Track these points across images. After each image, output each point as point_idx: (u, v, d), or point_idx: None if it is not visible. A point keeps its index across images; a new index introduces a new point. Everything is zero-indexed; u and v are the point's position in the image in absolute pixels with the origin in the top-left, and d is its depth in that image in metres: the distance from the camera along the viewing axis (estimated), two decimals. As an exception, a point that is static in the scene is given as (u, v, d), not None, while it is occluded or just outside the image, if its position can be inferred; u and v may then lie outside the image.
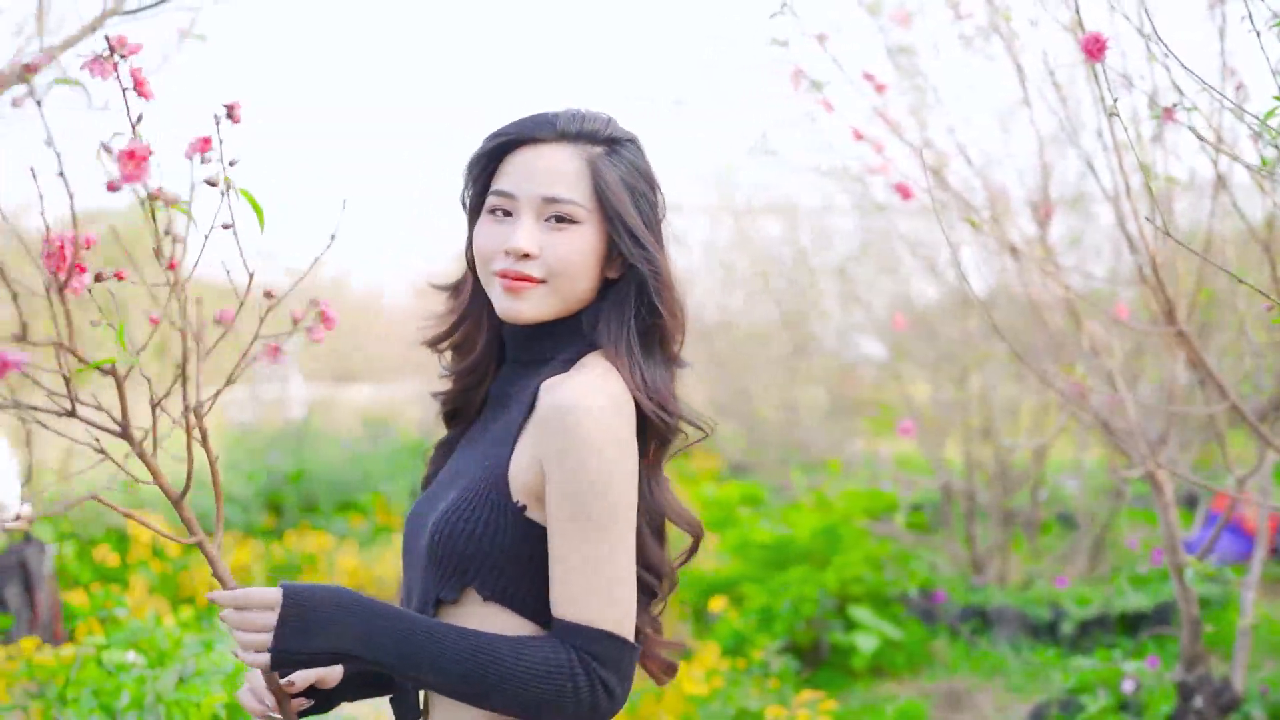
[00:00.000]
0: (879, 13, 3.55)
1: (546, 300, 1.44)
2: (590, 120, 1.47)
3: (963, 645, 5.28)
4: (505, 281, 1.42)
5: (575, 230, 1.43)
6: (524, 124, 1.46)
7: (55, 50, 2.82)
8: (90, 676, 3.06)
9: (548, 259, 1.42)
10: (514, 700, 1.31)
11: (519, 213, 1.43)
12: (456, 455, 1.55)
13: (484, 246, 1.45)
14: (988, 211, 3.30)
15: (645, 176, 1.49)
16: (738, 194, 8.92)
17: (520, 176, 1.44)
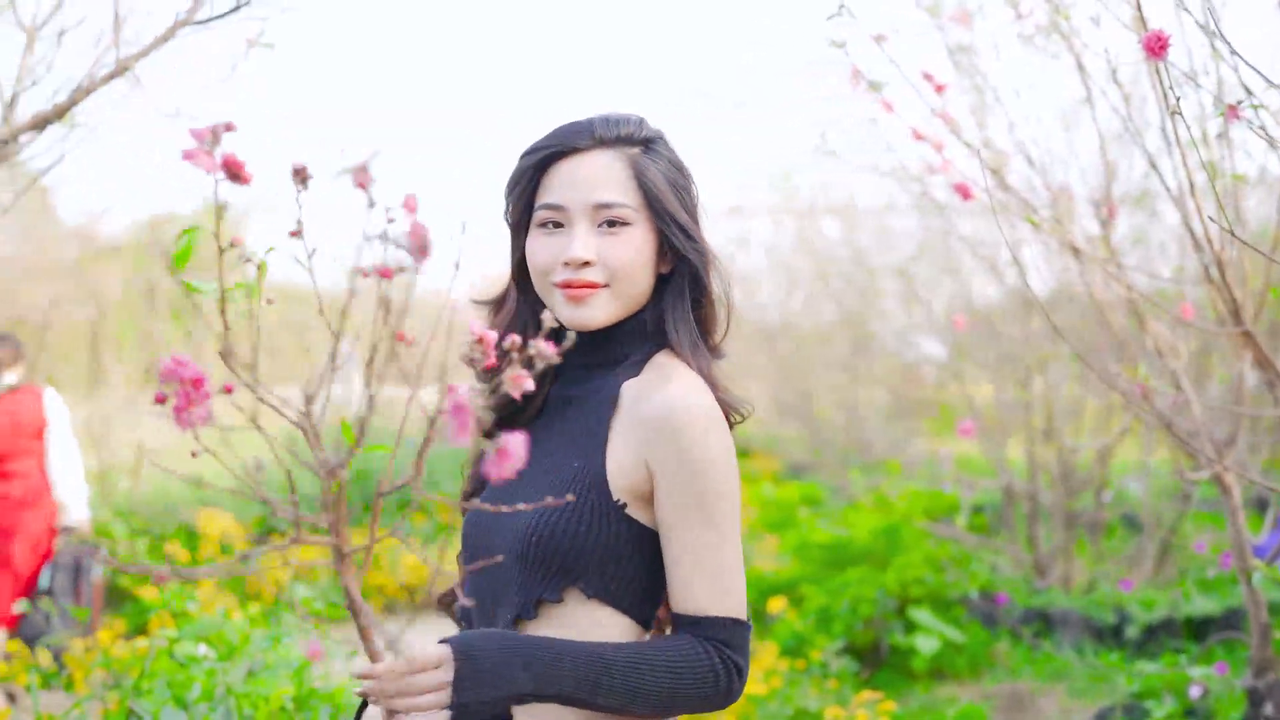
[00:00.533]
0: (938, 13, 3.53)
1: (610, 304, 1.47)
2: (624, 123, 1.49)
3: (1025, 648, 5.22)
4: (568, 291, 1.45)
5: (628, 232, 1.46)
6: (560, 135, 1.48)
7: (130, 60, 2.90)
8: (163, 668, 3.15)
9: (607, 263, 1.45)
10: (670, 703, 1.37)
11: (571, 222, 1.46)
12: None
13: (540, 260, 1.47)
14: (1049, 211, 3.27)
15: (681, 169, 1.53)
16: (798, 195, 8.90)
17: (567, 187, 1.46)
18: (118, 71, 2.92)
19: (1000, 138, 3.59)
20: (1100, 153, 3.22)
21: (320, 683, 3.21)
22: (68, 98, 2.96)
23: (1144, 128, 3.24)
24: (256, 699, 2.87)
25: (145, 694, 2.99)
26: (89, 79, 2.95)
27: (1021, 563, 6.03)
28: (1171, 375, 2.98)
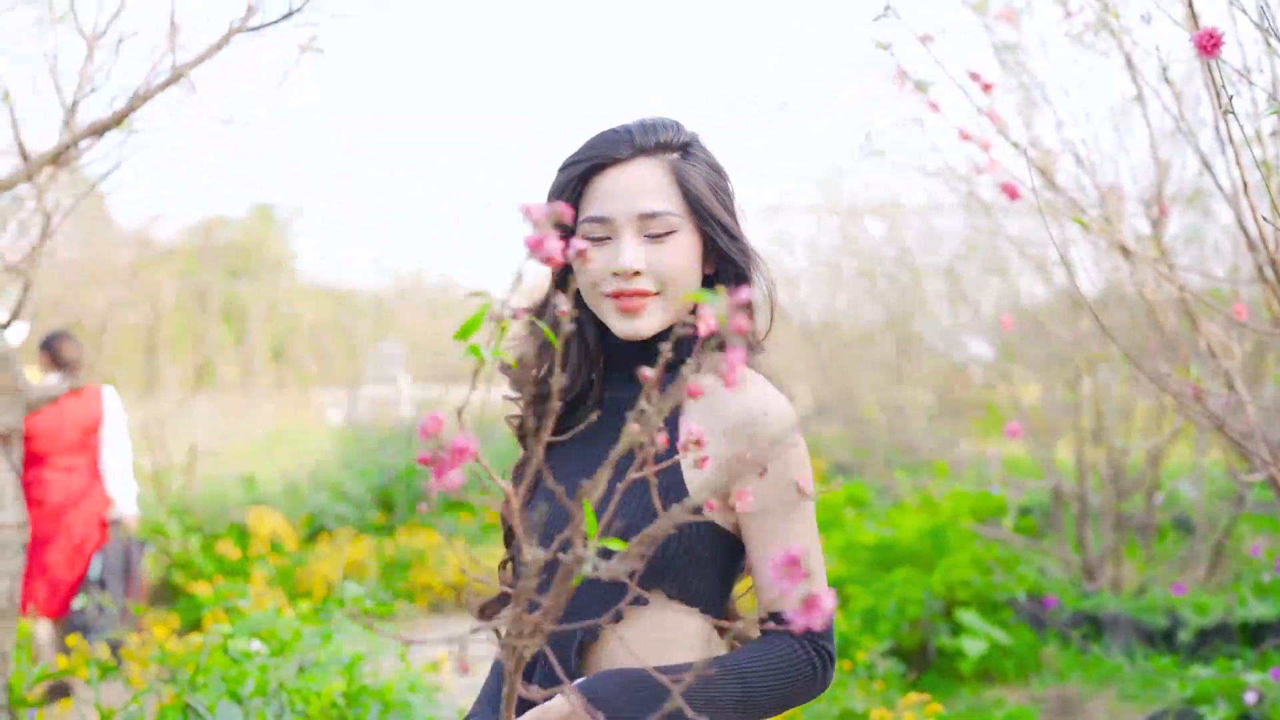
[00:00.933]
0: (985, 11, 3.50)
1: (662, 312, 1.49)
2: (661, 129, 1.50)
3: (1074, 652, 5.17)
4: (620, 302, 1.47)
5: (675, 239, 1.47)
6: (600, 146, 1.49)
7: (186, 67, 2.96)
8: (217, 663, 3.21)
9: (656, 271, 1.47)
10: (779, 705, 1.41)
11: (618, 233, 1.47)
12: (576, 466, 1.55)
13: (589, 272, 1.49)
14: (1098, 211, 3.24)
15: (719, 170, 1.54)
16: (843, 195, 8.87)
17: (611, 198, 1.47)
18: (174, 79, 2.98)
19: (1048, 137, 3.56)
20: (1151, 151, 3.19)
21: (370, 679, 3.25)
22: (125, 104, 3.02)
23: (1197, 126, 3.19)
24: (308, 694, 2.92)
25: (200, 689, 3.06)
26: (146, 86, 3.01)
27: (1070, 565, 5.97)
28: (1225, 376, 2.95)
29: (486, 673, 1.74)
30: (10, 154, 3.62)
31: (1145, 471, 5.78)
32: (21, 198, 3.40)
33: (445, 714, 3.26)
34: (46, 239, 3.31)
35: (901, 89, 3.32)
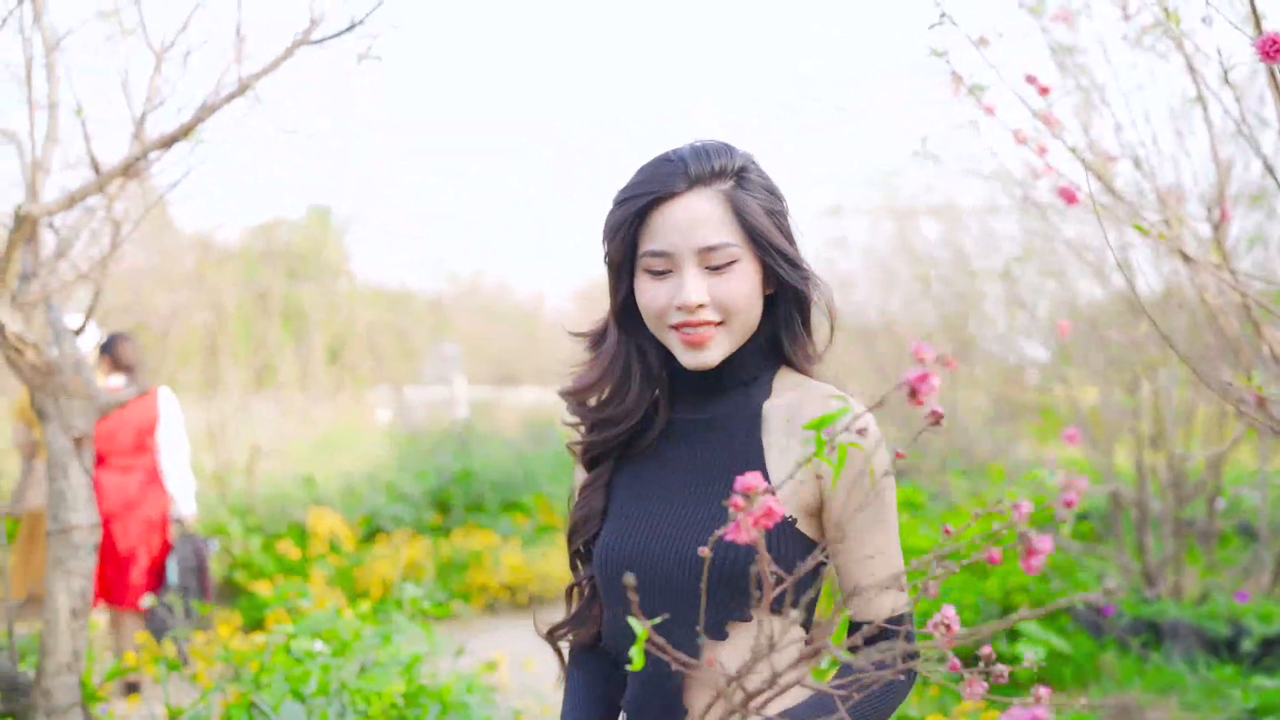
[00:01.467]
0: (1041, 13, 3.48)
1: (727, 341, 1.51)
2: (715, 156, 1.50)
3: (1133, 659, 5.10)
4: (685, 334, 1.49)
5: (735, 269, 1.48)
6: (655, 179, 1.49)
7: (252, 79, 3.03)
8: (281, 663, 3.28)
9: (719, 302, 1.48)
10: (884, 716, 1.45)
11: (679, 267, 1.49)
12: (653, 488, 1.57)
13: (653, 304, 1.51)
14: (1157, 214, 3.21)
15: (774, 192, 1.55)
16: (899, 196, 8.82)
17: (670, 233, 1.48)
18: (239, 90, 3.05)
19: (1107, 139, 3.52)
20: (1212, 153, 3.15)
21: (429, 680, 3.31)
22: (193, 116, 3.10)
23: (1259, 128, 3.15)
24: (369, 695, 2.98)
25: (264, 688, 3.13)
26: (213, 98, 3.09)
27: (1130, 572, 5.89)
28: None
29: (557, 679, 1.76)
30: (81, 165, 3.73)
31: (1207, 477, 5.69)
32: (92, 208, 3.49)
33: (501, 715, 3.31)
34: (116, 248, 3.41)
35: (957, 94, 3.31)
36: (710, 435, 1.55)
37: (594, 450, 1.63)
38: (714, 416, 1.56)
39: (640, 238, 1.52)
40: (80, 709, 3.01)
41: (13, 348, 2.96)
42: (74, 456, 3.05)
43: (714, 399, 1.57)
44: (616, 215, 1.52)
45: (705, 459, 1.54)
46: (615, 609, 1.57)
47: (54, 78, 3.25)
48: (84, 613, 3.02)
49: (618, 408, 1.59)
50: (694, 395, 1.58)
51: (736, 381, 1.56)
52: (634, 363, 1.59)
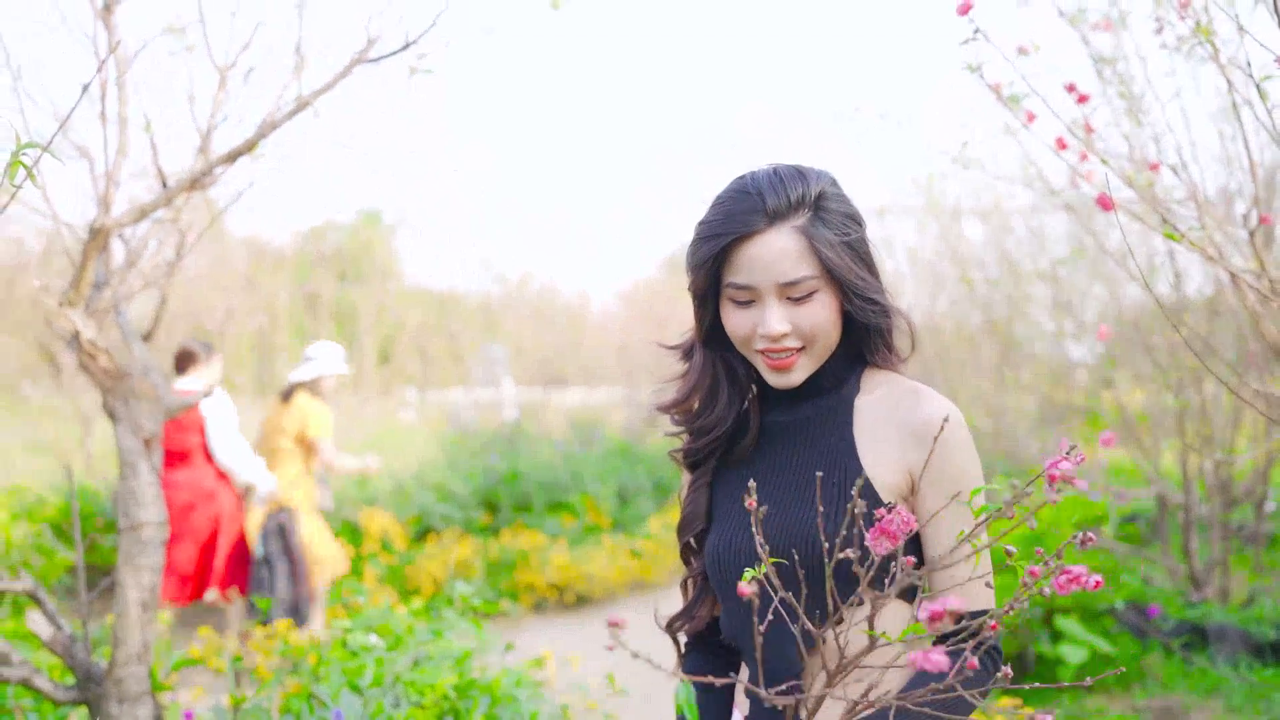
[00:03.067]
0: (1080, 22, 3.53)
1: (810, 363, 1.62)
2: (791, 186, 1.58)
3: (1178, 662, 5.11)
4: (770, 359, 1.60)
5: (815, 299, 1.58)
6: (735, 218, 1.57)
7: (312, 96, 3.16)
8: (337, 656, 3.41)
9: (801, 331, 1.58)
10: (967, 711, 1.46)
11: (762, 299, 1.58)
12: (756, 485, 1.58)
13: (739, 331, 1.62)
14: (1196, 221, 3.24)
15: (852, 219, 1.62)
16: (945, 198, 8.82)
17: (753, 269, 1.57)
18: (299, 107, 3.18)
19: (1145, 147, 3.56)
20: (1247, 159, 3.18)
21: (479, 674, 3.42)
22: (255, 131, 3.23)
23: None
24: (422, 687, 3.09)
25: (322, 679, 3.25)
26: (273, 114, 3.22)
27: (1176, 574, 5.89)
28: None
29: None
30: (146, 176, 3.89)
31: (1254, 480, 5.67)
32: (159, 219, 3.64)
33: (548, 709, 3.40)
34: (182, 258, 3.55)
35: (997, 101, 3.37)
36: (804, 435, 1.65)
37: (692, 456, 1.76)
38: (807, 417, 1.66)
39: (724, 271, 1.61)
40: (149, 697, 3.15)
41: (86, 353, 3.11)
42: (143, 456, 3.20)
43: (802, 402, 1.67)
44: (700, 252, 1.62)
45: (803, 458, 1.64)
46: (731, 605, 1.67)
47: (124, 94, 3.40)
48: (153, 605, 3.16)
49: (709, 418, 1.71)
50: (786, 399, 1.68)
51: (821, 388, 1.66)
52: (721, 377, 1.71)
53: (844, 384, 1.67)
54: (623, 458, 10.83)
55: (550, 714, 3.41)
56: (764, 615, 1.57)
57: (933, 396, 1.60)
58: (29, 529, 7.50)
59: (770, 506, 1.63)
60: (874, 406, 1.64)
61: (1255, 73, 2.82)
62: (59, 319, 3.06)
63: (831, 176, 1.65)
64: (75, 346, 3.13)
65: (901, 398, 1.62)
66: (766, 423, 1.71)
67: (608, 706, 4.42)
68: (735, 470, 1.72)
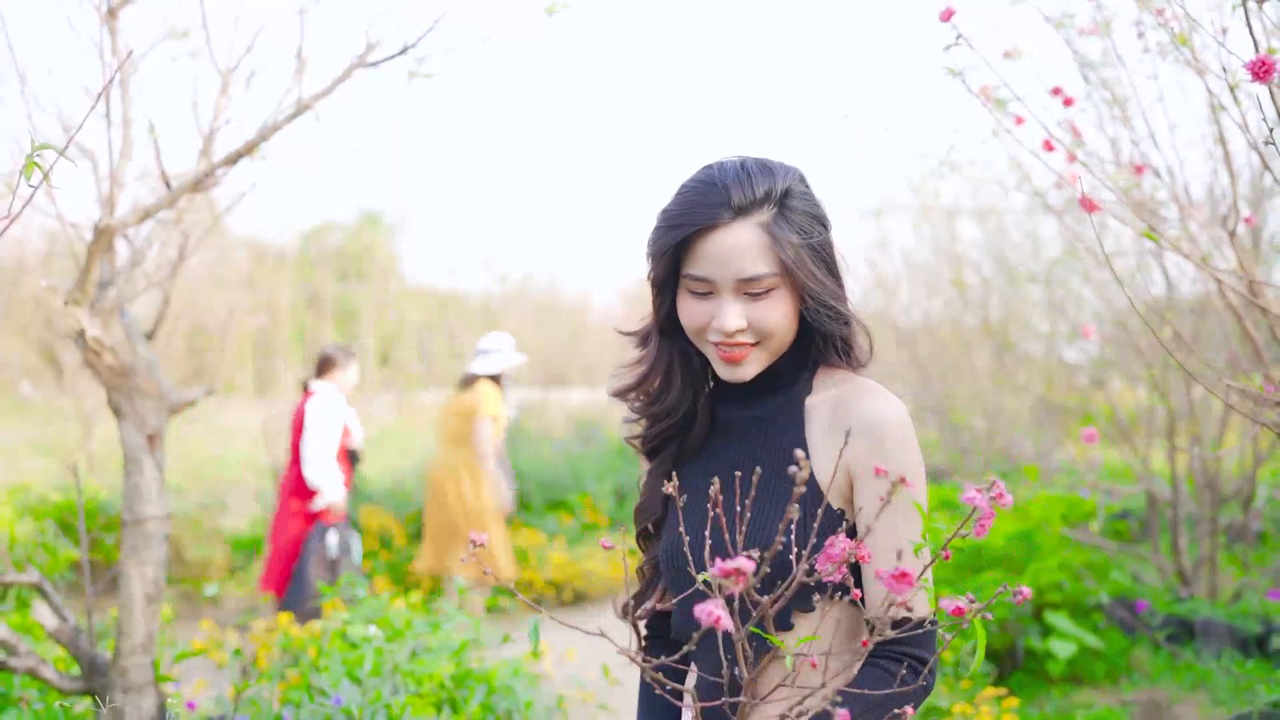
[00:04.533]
0: (1065, 27, 3.60)
1: (762, 359, 1.61)
2: (758, 181, 1.55)
3: (1165, 656, 5.18)
4: (723, 351, 1.59)
5: (772, 297, 1.56)
6: (699, 209, 1.55)
7: (312, 100, 3.23)
8: (337, 647, 3.48)
9: (756, 327, 1.57)
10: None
11: (719, 293, 1.57)
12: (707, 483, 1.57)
13: (694, 322, 1.60)
14: (1178, 221, 3.31)
15: (817, 220, 1.59)
16: (939, 199, 8.89)
17: (712, 262, 1.55)
18: (299, 111, 3.25)
19: (1130, 150, 3.63)
20: (1226, 162, 3.25)
21: (475, 664, 3.49)
22: (256, 134, 3.30)
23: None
24: (421, 676, 3.16)
25: (322, 670, 3.32)
26: (274, 117, 3.29)
27: (1166, 571, 5.96)
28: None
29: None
30: (149, 177, 3.96)
31: (1243, 479, 5.74)
32: (163, 220, 3.71)
33: (545, 699, 3.47)
34: (185, 257, 3.63)
35: (983, 105, 3.44)
36: (758, 432, 1.65)
37: (649, 443, 1.75)
38: (761, 414, 1.65)
39: (683, 261, 1.59)
40: (153, 687, 3.22)
41: (92, 351, 3.18)
42: (147, 452, 3.27)
43: (760, 397, 1.66)
44: (661, 240, 1.60)
45: (755, 456, 1.62)
46: (683, 602, 1.65)
47: (128, 97, 3.47)
48: (156, 598, 3.23)
49: (662, 404, 1.70)
50: (740, 393, 1.68)
51: (775, 385, 1.65)
52: (676, 365, 1.69)
53: (797, 382, 1.65)
54: (621, 457, 10.90)
55: (546, 704, 3.48)
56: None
57: (879, 393, 1.58)
58: (33, 526, 7.58)
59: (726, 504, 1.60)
60: (826, 406, 1.62)
61: (1229, 78, 2.90)
62: (65, 317, 3.13)
63: (800, 173, 1.61)
64: (81, 344, 3.20)
65: (849, 395, 1.60)
66: (722, 417, 1.70)
67: (603, 697, 4.49)
68: (692, 463, 1.71)
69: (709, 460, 1.69)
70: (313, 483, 6.06)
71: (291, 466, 6.19)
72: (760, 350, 1.59)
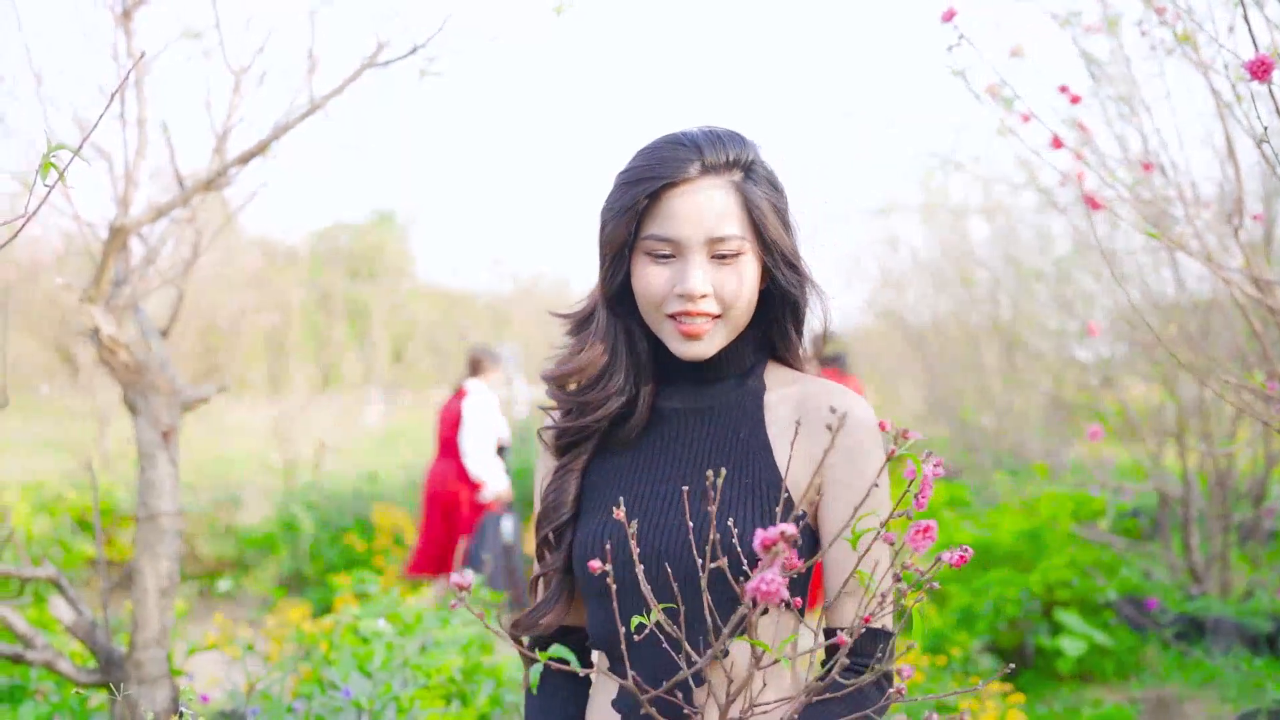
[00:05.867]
0: (1072, 24, 3.61)
1: (722, 335, 1.50)
2: (729, 144, 1.47)
3: (1175, 654, 5.18)
4: (682, 324, 1.47)
5: (739, 262, 1.47)
6: (668, 164, 1.45)
7: (323, 100, 3.26)
8: (349, 642, 3.52)
9: (721, 295, 1.46)
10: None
11: (685, 254, 1.46)
12: (645, 477, 1.52)
13: (651, 289, 1.48)
14: (1183, 219, 3.32)
15: (778, 188, 1.52)
16: (949, 197, 8.91)
17: (681, 220, 1.45)
18: (311, 110, 3.29)
19: (1135, 147, 3.64)
20: (1231, 160, 3.26)
21: (485, 659, 3.52)
22: (269, 133, 3.34)
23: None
24: (430, 670, 3.19)
25: (333, 664, 3.36)
26: (286, 117, 3.33)
27: (1177, 569, 5.96)
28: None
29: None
30: (163, 176, 4.00)
31: (1255, 478, 5.74)
32: (174, 218, 3.74)
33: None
34: (199, 256, 3.67)
35: (992, 102, 3.45)
36: (710, 425, 1.53)
37: (569, 436, 1.58)
38: (712, 406, 1.54)
39: (644, 222, 1.47)
40: (167, 680, 3.26)
41: (107, 348, 3.22)
42: (161, 448, 3.31)
43: (707, 388, 1.55)
44: (624, 196, 1.47)
45: (706, 449, 1.51)
46: (607, 605, 1.41)
47: (142, 96, 3.50)
48: (170, 592, 3.27)
49: (600, 392, 1.55)
50: (686, 384, 1.56)
51: (723, 374, 1.55)
52: (621, 348, 1.55)
53: (750, 374, 1.56)
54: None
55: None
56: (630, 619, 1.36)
57: (849, 394, 1.51)
58: (49, 522, 7.65)
59: (668, 501, 1.48)
60: (787, 404, 1.53)
61: (1233, 76, 2.91)
62: (80, 315, 3.17)
63: (760, 148, 1.53)
64: (96, 342, 3.24)
65: (815, 395, 1.51)
66: (662, 408, 1.56)
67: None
68: (616, 458, 1.56)
69: (644, 455, 1.54)
70: (477, 476, 6.51)
71: (444, 460, 6.62)
72: (721, 324, 1.48)
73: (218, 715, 3.43)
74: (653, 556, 1.44)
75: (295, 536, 7.88)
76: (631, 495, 1.51)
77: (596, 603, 1.52)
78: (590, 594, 1.53)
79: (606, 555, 1.38)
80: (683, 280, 1.45)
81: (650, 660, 1.43)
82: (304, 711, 2.87)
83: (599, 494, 1.54)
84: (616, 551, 1.45)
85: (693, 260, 1.45)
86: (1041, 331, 8.64)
